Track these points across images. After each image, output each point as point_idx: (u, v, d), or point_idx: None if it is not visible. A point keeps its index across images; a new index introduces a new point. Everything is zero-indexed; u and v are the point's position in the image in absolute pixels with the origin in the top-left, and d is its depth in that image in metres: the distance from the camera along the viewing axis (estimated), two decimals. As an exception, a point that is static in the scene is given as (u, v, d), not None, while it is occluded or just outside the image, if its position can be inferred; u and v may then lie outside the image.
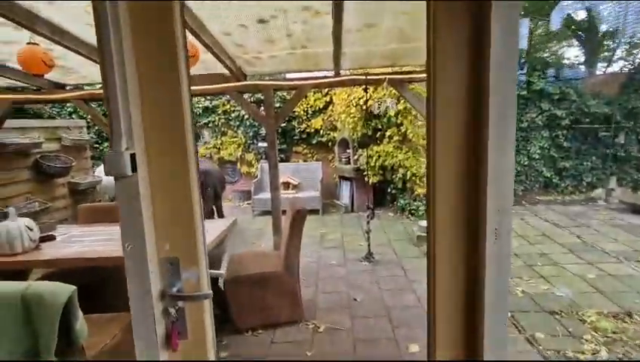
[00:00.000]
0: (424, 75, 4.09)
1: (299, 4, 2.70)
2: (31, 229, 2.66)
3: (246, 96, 7.80)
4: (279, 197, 4.34)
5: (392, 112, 5.31)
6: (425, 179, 5.94)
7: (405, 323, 3.02)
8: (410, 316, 3.14)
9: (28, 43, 2.59)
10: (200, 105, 8.14)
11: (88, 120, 5.92)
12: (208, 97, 8.11)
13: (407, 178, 5.91)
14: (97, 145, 7.96)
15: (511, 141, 0.95)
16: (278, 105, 7.62)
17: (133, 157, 0.98)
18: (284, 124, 7.95)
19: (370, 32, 3.28)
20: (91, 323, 1.87)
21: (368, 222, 4.34)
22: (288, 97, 7.76)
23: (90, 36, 3.12)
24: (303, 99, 7.90)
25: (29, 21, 2.60)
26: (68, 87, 4.47)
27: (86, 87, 4.51)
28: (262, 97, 7.55)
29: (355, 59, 3.99)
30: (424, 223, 5.07)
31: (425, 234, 4.86)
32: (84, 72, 4.05)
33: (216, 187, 5.27)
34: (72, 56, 3.46)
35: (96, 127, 7.61)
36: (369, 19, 3.04)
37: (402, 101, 5.71)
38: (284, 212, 4.50)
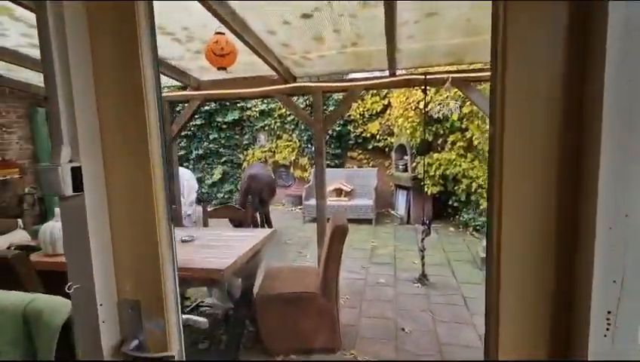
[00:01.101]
0: (495, 72, 3.53)
1: (344, -5, 2.40)
2: (73, 231, 2.69)
3: (301, 100, 7.69)
4: (324, 207, 4.05)
5: (455, 116, 4.74)
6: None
7: (461, 367, 2.54)
8: (469, 358, 2.64)
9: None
10: (257, 109, 8.22)
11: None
12: (265, 100, 8.15)
13: (472, 190, 5.26)
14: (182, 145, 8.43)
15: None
16: (333, 108, 7.38)
17: (77, 171, 0.75)
18: (338, 128, 7.69)
19: (431, 24, 2.86)
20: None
21: (423, 240, 3.87)
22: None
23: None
24: (360, 102, 7.56)
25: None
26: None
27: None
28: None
29: (413, 56, 3.56)
30: (490, 243, 4.42)
31: (491, 257, 4.23)
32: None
33: (262, 193, 5.08)
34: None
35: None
36: (429, 9, 2.62)
37: (468, 103, 5.09)
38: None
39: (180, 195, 5.19)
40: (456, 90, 4.17)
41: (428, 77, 3.64)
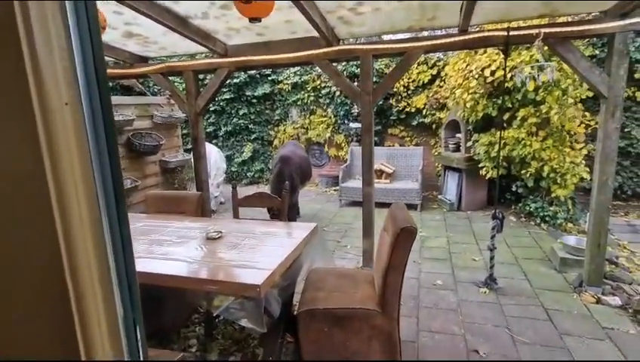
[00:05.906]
0: (605, 24, 2.71)
1: None
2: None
3: (339, 68, 6.96)
4: (372, 193, 3.46)
5: (531, 86, 3.90)
6: (570, 178, 4.40)
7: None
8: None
9: None
10: (289, 82, 7.58)
11: (168, 96, 5.72)
12: (297, 72, 7.48)
13: (544, 174, 4.45)
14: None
15: None
16: (375, 80, 6.63)
17: None
18: (379, 103, 6.93)
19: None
20: None
21: (493, 236, 3.20)
22: (387, 71, 6.70)
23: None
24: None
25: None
26: (150, 61, 4.16)
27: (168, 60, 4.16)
28: (357, 71, 6.63)
29: (494, 8, 2.79)
30: (572, 240, 3.69)
31: (574, 257, 3.50)
32: (163, 42, 3.63)
33: (294, 178, 4.47)
34: (150, 25, 3.00)
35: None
36: None
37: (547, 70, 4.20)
38: (377, 204, 3.62)
39: (208, 177, 4.74)
40: (544, 50, 3.34)
41: (511, 33, 2.86)
